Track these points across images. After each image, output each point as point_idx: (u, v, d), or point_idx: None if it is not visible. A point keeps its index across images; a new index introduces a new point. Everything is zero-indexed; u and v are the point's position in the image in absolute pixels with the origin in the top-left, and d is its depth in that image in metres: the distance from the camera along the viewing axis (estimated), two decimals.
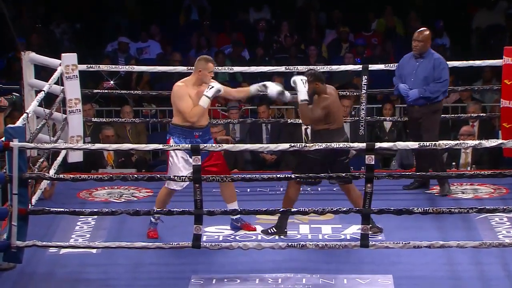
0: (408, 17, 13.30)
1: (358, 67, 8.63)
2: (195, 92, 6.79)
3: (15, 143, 6.11)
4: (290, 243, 6.32)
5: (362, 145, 6.16)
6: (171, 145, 6.69)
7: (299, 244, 6.30)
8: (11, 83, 8.95)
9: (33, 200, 7.29)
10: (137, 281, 6.24)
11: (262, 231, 6.91)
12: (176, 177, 6.41)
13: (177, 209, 6.35)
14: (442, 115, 7.94)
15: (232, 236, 6.92)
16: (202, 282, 6.20)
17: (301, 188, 6.88)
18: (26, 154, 6.28)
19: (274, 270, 6.31)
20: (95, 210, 6.57)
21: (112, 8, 13.66)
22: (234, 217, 6.97)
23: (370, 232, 6.24)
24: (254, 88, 7.03)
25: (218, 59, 12.05)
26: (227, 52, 12.50)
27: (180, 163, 6.80)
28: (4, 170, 6.23)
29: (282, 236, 6.84)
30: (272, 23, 13.46)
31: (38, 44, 11.95)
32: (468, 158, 8.91)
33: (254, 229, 7.03)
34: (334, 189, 7.93)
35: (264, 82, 7.01)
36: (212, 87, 6.75)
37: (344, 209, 6.26)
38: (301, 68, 8.75)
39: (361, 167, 8.72)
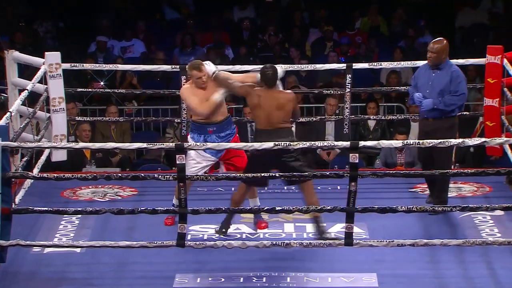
0: (392, 16, 13.35)
1: (342, 65, 8.64)
2: (199, 93, 6.92)
3: None
4: (274, 242, 6.33)
5: (346, 143, 6.17)
6: (189, 141, 6.93)
7: (284, 242, 6.30)
8: None
9: (17, 199, 7.26)
10: (122, 280, 6.23)
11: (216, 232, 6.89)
12: (160, 176, 6.40)
13: (161, 208, 6.35)
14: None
15: (217, 235, 6.92)
16: (186, 280, 6.20)
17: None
18: (9, 153, 6.25)
19: (259, 268, 6.31)
20: (79, 209, 6.55)
21: (96, 6, 13.62)
22: None
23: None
24: None
25: (210, 56, 12.06)
26: None
27: (193, 154, 6.92)
28: None
29: (221, 236, 6.80)
30: (257, 22, 13.47)
31: (21, 43, 11.91)
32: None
33: (265, 227, 7.05)
34: (319, 187, 7.95)
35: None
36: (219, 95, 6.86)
37: (329, 207, 6.27)
38: (285, 66, 8.75)
39: (346, 165, 8.76)
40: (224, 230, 6.81)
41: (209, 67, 6.89)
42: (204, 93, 6.89)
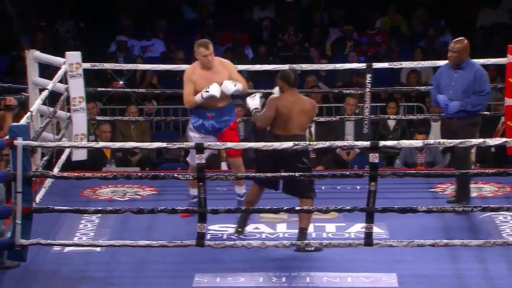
0: (413, 15, 13.30)
1: (362, 65, 8.62)
2: (199, 75, 6.96)
3: (19, 142, 6.12)
4: (294, 242, 6.32)
5: (366, 143, 6.16)
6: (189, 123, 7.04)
7: (303, 242, 6.29)
8: (15, 82, 8.96)
9: (37, 199, 7.29)
10: (141, 279, 6.24)
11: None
12: (180, 175, 6.40)
13: (181, 208, 6.35)
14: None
15: (236, 235, 6.91)
16: (206, 280, 6.20)
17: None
18: (30, 152, 6.29)
19: (278, 268, 6.31)
20: (99, 208, 6.59)
21: (116, 6, 13.67)
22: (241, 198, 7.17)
23: None
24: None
25: (225, 56, 12.06)
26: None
27: (191, 135, 7.09)
28: (8, 168, 6.24)
29: (240, 236, 6.79)
30: (277, 21, 13.46)
31: (42, 43, 11.96)
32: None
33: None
34: (338, 187, 7.94)
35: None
36: (207, 91, 6.84)
37: (348, 207, 6.25)
38: (305, 66, 8.77)
39: (365, 165, 8.74)
40: (240, 229, 6.80)
41: (252, 101, 6.78)
42: (209, 74, 6.93)
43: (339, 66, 8.83)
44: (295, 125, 6.58)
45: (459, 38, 7.39)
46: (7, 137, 6.19)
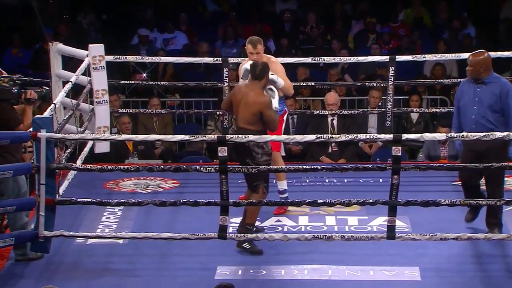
0: (436, 8, 13.21)
1: (385, 58, 8.59)
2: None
3: (42, 134, 6.15)
4: (316, 235, 6.32)
5: (389, 136, 6.14)
6: None
7: (325, 235, 6.29)
8: (38, 74, 9.00)
9: (61, 191, 7.33)
10: (163, 272, 6.26)
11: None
12: (202, 168, 6.41)
13: (203, 200, 6.36)
14: None
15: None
16: (228, 273, 6.21)
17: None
18: (53, 144, 6.32)
19: (300, 261, 6.31)
20: (121, 200, 6.60)
21: None
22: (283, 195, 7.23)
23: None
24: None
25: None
26: None
27: None
28: (32, 160, 6.27)
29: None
30: (299, 13, 13.43)
31: (65, 35, 12.00)
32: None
33: (278, 213, 7.16)
34: (361, 180, 7.92)
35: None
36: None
37: (371, 200, 6.24)
38: (327, 59, 8.74)
39: (388, 158, 8.71)
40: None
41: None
42: None
43: (362, 58, 8.79)
44: (240, 118, 6.51)
45: (479, 50, 6.86)
46: (30, 129, 6.23)
